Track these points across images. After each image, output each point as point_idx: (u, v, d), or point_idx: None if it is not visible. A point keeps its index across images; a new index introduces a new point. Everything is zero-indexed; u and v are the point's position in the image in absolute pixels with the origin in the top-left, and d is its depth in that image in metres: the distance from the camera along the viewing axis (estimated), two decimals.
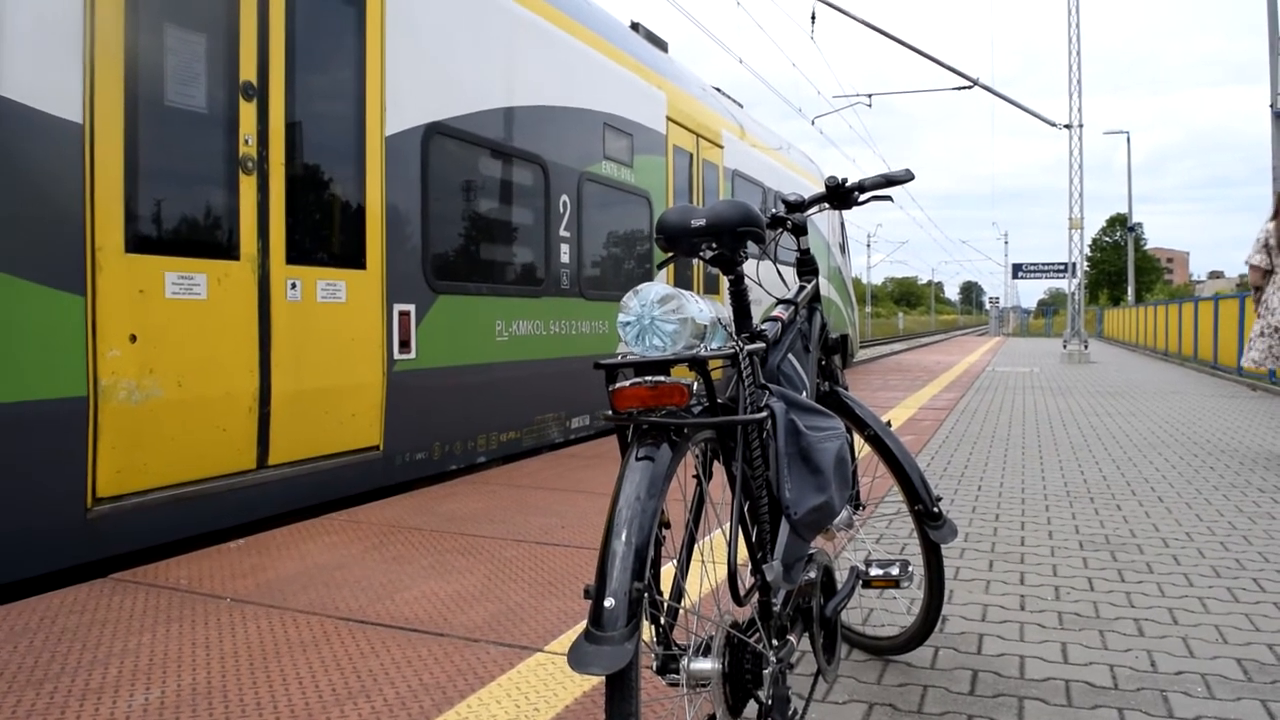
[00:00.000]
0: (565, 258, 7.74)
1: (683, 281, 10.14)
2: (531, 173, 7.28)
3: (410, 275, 5.81)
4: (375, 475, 5.51)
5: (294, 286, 4.92)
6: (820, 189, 2.70)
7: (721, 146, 11.42)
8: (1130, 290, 41.46)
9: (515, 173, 7.11)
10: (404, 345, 5.71)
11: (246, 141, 4.65)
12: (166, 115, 4.30)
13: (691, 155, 10.52)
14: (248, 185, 4.65)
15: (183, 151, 4.41)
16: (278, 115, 4.83)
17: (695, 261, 2.16)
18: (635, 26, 10.49)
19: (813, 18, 21.92)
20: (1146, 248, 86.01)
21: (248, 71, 4.66)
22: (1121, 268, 69.30)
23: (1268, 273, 6.71)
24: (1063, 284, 37.14)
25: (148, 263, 4.15)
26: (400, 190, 5.73)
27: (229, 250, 4.56)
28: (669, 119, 9.80)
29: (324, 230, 5.25)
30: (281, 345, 4.81)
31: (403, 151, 5.76)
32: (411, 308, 5.80)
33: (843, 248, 18.98)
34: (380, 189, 5.56)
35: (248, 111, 4.66)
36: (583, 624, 1.49)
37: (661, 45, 10.97)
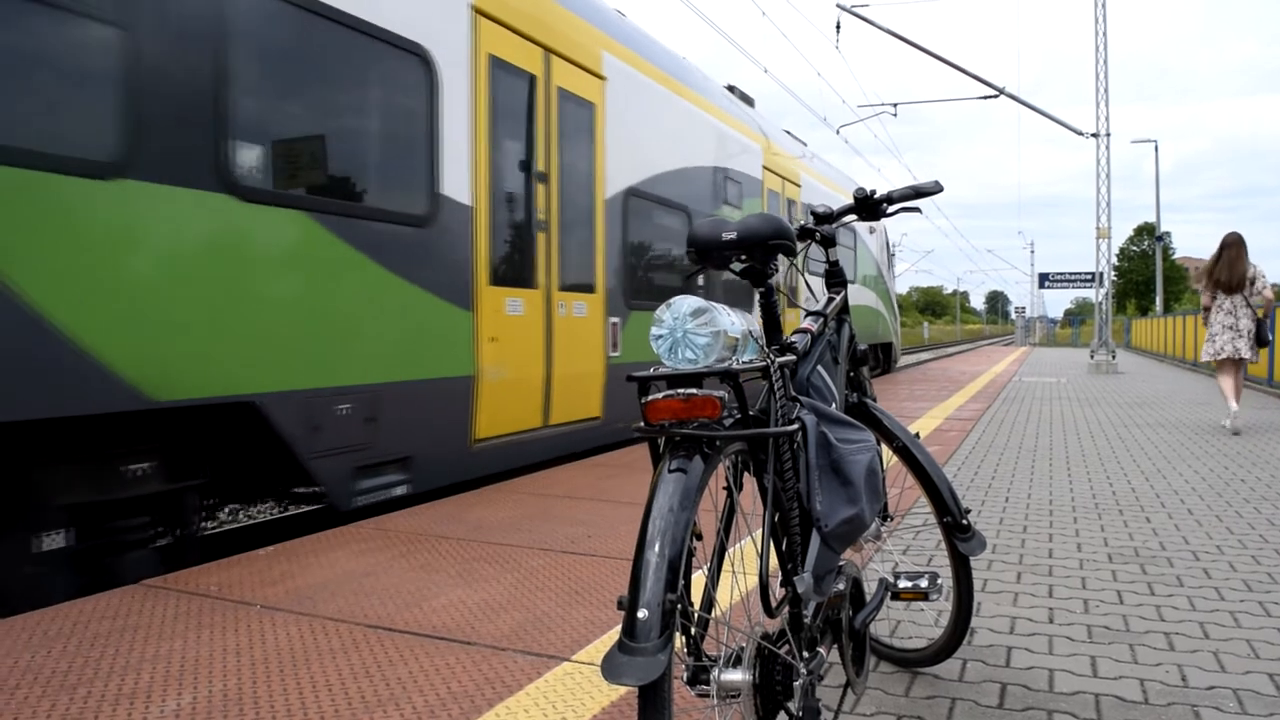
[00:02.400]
0: (702, 280, 10.08)
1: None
2: (679, 218, 9.54)
3: (617, 297, 8.15)
4: (597, 437, 7.77)
5: (561, 306, 7.20)
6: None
7: (799, 185, 13.92)
8: (1158, 300, 41.13)
9: (671, 219, 9.43)
10: (614, 346, 8.05)
11: (542, 212, 6.99)
12: (505, 198, 6.57)
13: (779, 195, 12.86)
14: (541, 240, 6.98)
15: (512, 221, 6.69)
16: (554, 192, 7.15)
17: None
18: (731, 89, 12.68)
19: (838, 27, 21.94)
20: (1175, 257, 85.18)
21: (540, 165, 6.98)
22: (1149, 277, 68.75)
23: (1212, 300, 9.19)
24: (1090, 294, 36.88)
25: (499, 292, 6.37)
26: (611, 237, 8.10)
27: (533, 283, 6.82)
28: (764, 167, 12.11)
29: (576, 268, 7.53)
30: (555, 346, 7.08)
31: (612, 210, 8.12)
32: (618, 320, 8.14)
33: (889, 264, 21.34)
34: (601, 237, 7.92)
35: (541, 192, 6.99)
36: (611, 634, 1.50)
37: (750, 102, 13.40)
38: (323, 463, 4.93)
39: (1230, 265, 9.01)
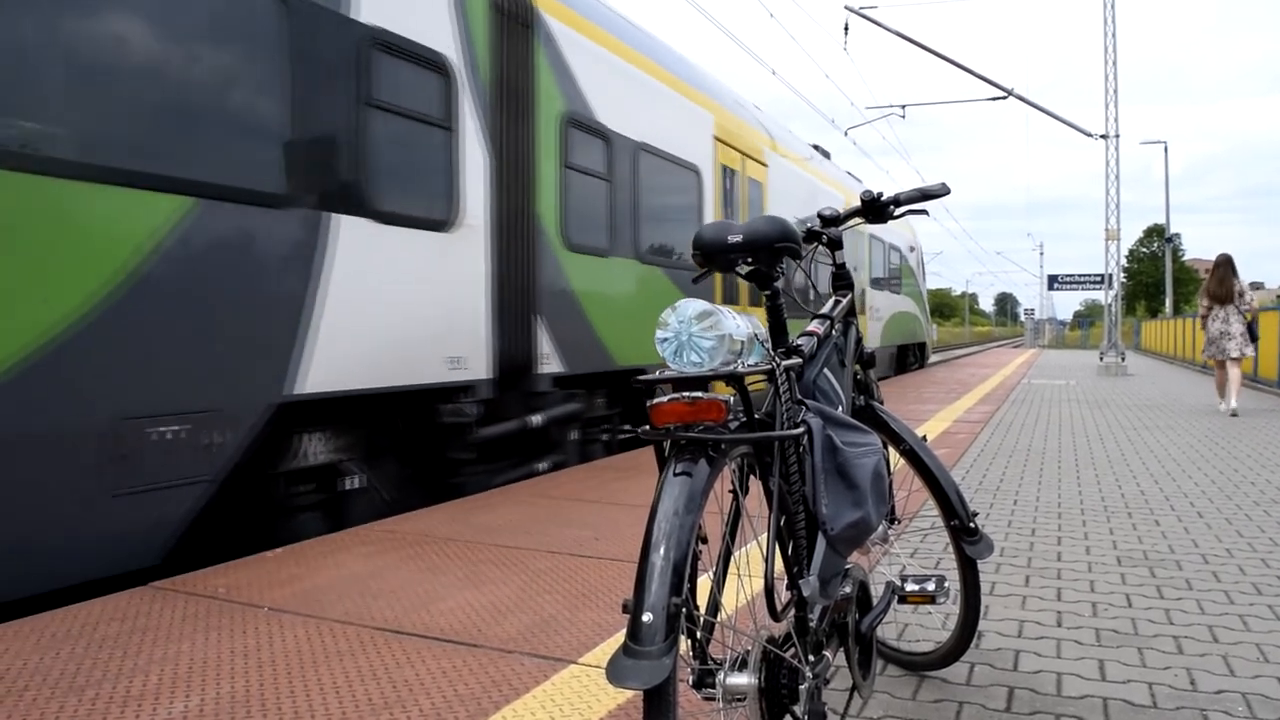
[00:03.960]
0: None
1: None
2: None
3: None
4: None
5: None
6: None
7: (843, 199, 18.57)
8: (1168, 302, 40.97)
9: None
10: None
11: None
12: None
13: (852, 232, 16.31)
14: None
15: None
16: None
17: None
18: (816, 147, 16.56)
19: (845, 29, 21.92)
20: (1185, 259, 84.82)
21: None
22: (1159, 279, 68.49)
23: (1208, 310, 11.26)
24: (1099, 295, 36.80)
25: None
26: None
27: None
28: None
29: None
30: None
31: None
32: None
33: (923, 276, 25.33)
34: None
35: None
36: (617, 637, 1.50)
37: (827, 155, 17.47)
38: None
39: (1220, 281, 11.08)
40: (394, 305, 5.53)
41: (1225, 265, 11.23)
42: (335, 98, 5.13)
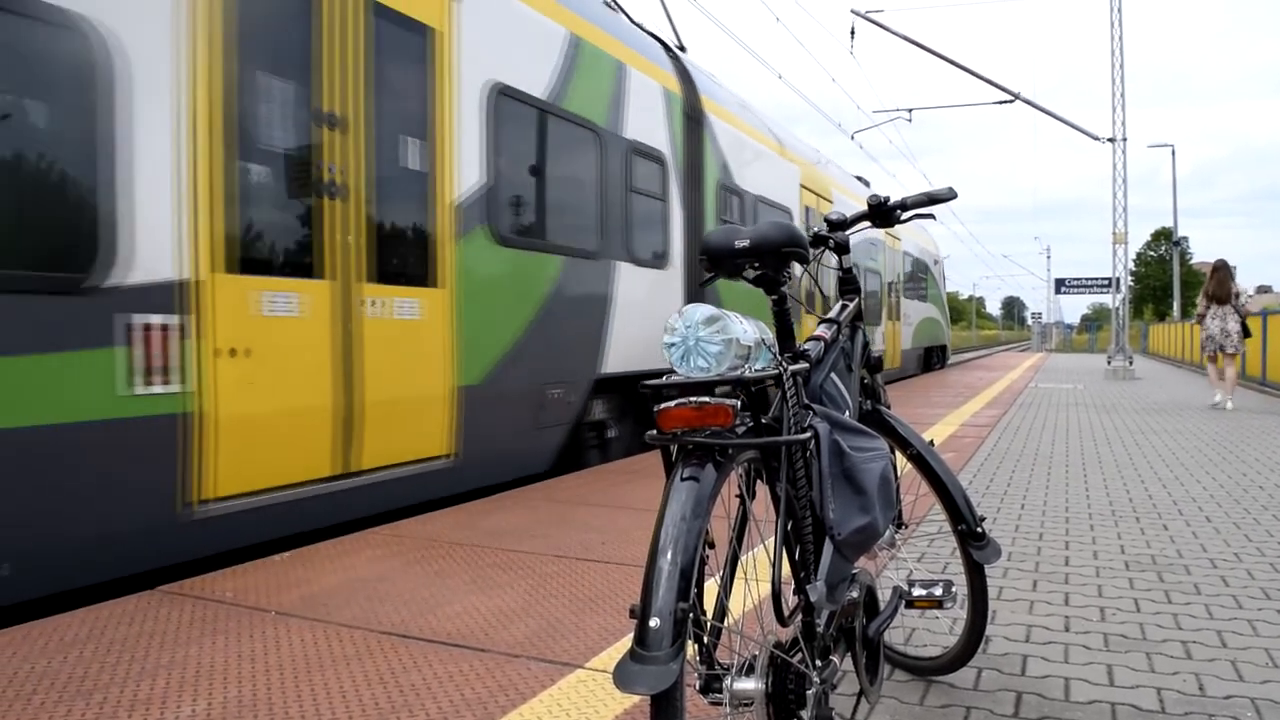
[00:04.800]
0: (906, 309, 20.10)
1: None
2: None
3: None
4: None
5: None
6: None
7: (900, 239, 21.19)
8: (1176, 305, 40.89)
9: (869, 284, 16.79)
10: None
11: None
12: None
13: (890, 248, 20.30)
14: None
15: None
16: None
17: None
18: (859, 178, 19.26)
19: (852, 33, 21.92)
20: (1192, 262, 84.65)
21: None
22: (1167, 282, 68.33)
23: (1207, 309, 12.46)
24: (1107, 299, 36.89)
25: None
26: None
27: None
28: (887, 232, 19.57)
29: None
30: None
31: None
32: None
33: (944, 282, 28.99)
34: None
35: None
36: (624, 641, 1.50)
37: (867, 184, 19.82)
38: None
39: (1219, 284, 12.34)
40: (641, 316, 8.20)
41: (1223, 269, 12.52)
42: (618, 188, 8.04)
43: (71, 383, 3.75)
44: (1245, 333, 12.25)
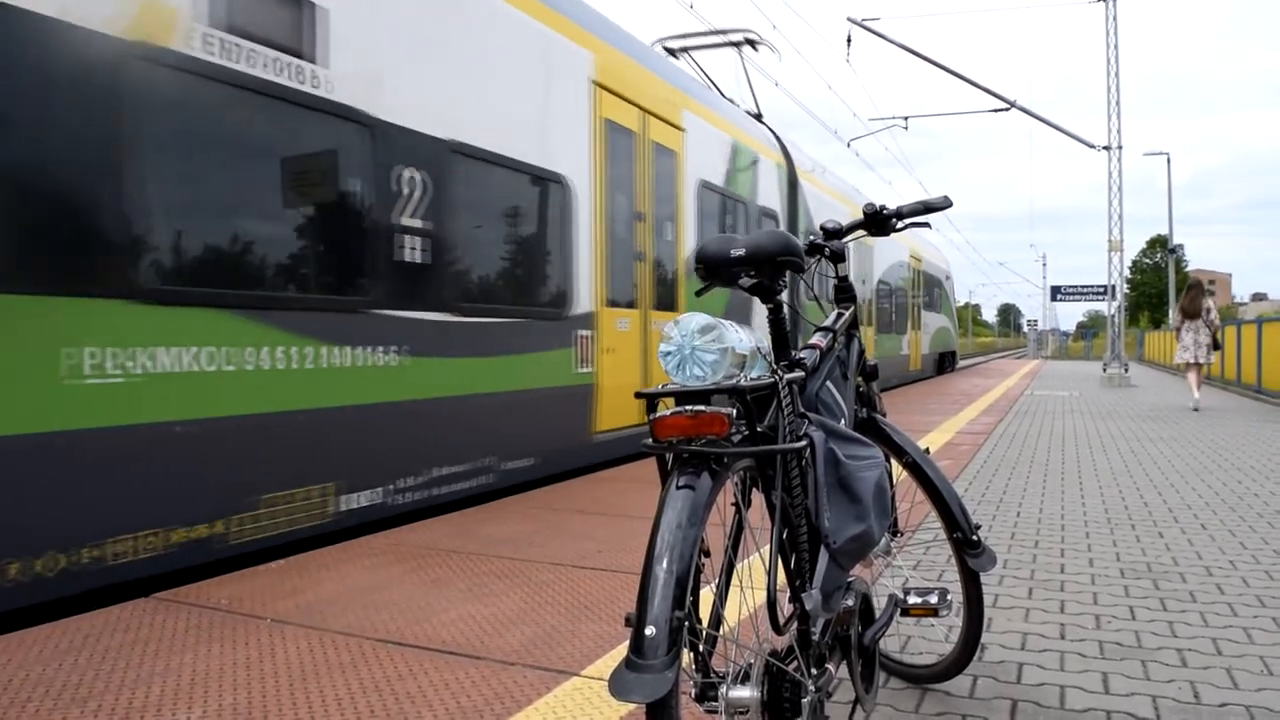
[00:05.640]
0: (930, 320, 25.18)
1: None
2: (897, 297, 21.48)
3: None
4: None
5: None
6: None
7: (921, 260, 25.02)
8: (1171, 313, 40.93)
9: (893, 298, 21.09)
10: None
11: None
12: None
13: (913, 268, 23.82)
14: None
15: None
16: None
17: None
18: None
19: (848, 41, 21.98)
20: (1188, 269, 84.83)
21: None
22: (1162, 290, 68.48)
23: (1181, 323, 13.97)
24: (1102, 306, 37.07)
25: None
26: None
27: None
28: (912, 254, 23.38)
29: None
30: None
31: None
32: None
33: (954, 296, 33.39)
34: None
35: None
36: (620, 649, 1.51)
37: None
38: None
39: (1191, 300, 13.97)
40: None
41: (1196, 287, 14.46)
42: None
43: (556, 366, 7.05)
44: (1215, 344, 13.93)
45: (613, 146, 7.91)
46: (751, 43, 13.74)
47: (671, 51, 13.03)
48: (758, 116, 13.56)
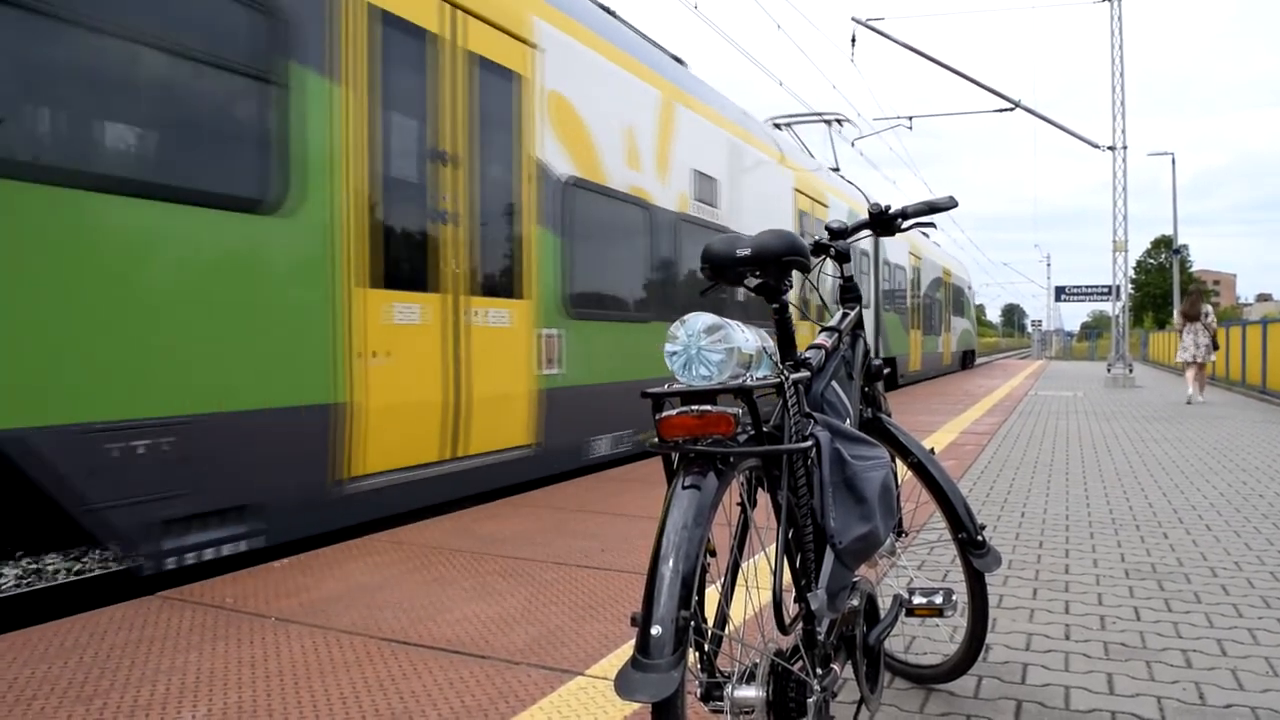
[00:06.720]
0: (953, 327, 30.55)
1: None
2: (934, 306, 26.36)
3: None
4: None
5: None
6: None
7: (951, 273, 29.15)
8: (1176, 313, 40.89)
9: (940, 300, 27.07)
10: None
11: None
12: None
13: (945, 281, 27.70)
14: None
15: None
16: None
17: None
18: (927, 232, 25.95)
19: (853, 41, 21.94)
20: (1192, 270, 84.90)
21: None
22: (1167, 290, 68.40)
23: (1182, 326, 15.49)
24: (1106, 306, 37.42)
25: None
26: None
27: None
28: (944, 269, 28.06)
29: None
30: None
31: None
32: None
33: (974, 301, 38.52)
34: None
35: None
36: (625, 649, 1.51)
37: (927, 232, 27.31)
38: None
39: (1191, 304, 15.47)
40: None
41: (1195, 293, 16.01)
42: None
43: None
44: (1214, 345, 15.35)
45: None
46: (839, 120, 18.89)
47: (778, 125, 16.95)
48: (835, 169, 18.18)
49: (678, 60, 10.22)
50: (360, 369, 4.98)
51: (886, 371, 2.60)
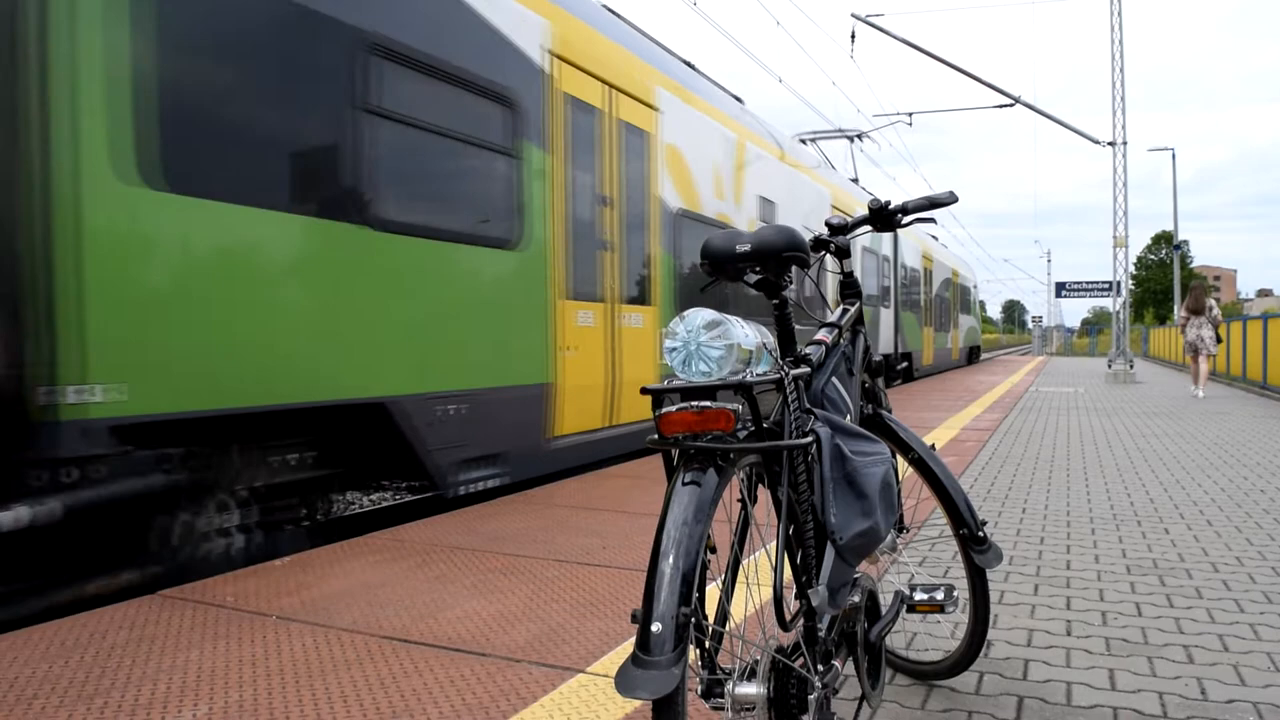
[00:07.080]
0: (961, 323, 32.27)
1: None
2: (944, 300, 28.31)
3: None
4: None
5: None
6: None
7: (959, 274, 31.15)
8: (1176, 309, 40.88)
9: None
10: None
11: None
12: None
13: (954, 282, 29.64)
14: None
15: None
16: None
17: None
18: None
19: (852, 37, 21.91)
20: (1193, 265, 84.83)
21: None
22: (1167, 286, 68.43)
23: (1187, 320, 15.93)
24: (1107, 302, 37.40)
25: None
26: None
27: None
28: (954, 270, 30.11)
29: None
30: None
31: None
32: None
33: (978, 298, 40.91)
34: None
35: None
36: (625, 646, 1.50)
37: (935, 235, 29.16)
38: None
39: (1195, 299, 15.85)
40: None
41: (1199, 288, 16.39)
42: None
43: None
44: (1217, 338, 15.76)
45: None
46: (860, 135, 20.56)
47: (804, 140, 18.49)
48: (854, 180, 19.52)
49: (738, 99, 11.86)
50: (561, 359, 6.90)
51: (903, 366, 2.65)
